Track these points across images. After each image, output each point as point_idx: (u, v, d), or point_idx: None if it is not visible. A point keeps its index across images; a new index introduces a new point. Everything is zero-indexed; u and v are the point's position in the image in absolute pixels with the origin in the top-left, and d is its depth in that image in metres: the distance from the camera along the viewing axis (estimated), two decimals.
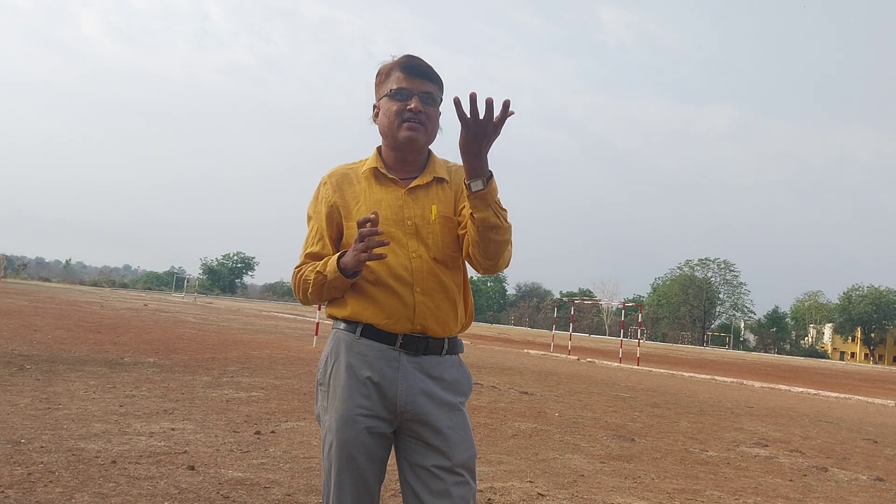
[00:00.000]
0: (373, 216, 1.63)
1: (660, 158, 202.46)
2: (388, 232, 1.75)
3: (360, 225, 1.63)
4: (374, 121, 1.88)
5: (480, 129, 1.55)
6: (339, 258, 1.71)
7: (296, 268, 1.86)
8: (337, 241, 1.85)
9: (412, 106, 1.76)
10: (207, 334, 14.31)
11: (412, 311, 1.74)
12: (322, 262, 1.78)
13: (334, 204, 1.83)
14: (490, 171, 1.65)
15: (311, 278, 1.77)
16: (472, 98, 1.53)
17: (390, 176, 1.82)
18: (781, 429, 8.02)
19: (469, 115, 1.54)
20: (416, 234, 1.77)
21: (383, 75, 1.84)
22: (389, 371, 1.73)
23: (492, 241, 1.70)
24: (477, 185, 1.63)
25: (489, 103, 1.52)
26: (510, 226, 1.73)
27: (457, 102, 1.53)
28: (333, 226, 1.84)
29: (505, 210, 1.71)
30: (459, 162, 1.94)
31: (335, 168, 1.91)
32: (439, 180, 1.86)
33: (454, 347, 1.83)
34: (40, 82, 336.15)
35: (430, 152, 1.90)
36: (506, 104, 1.54)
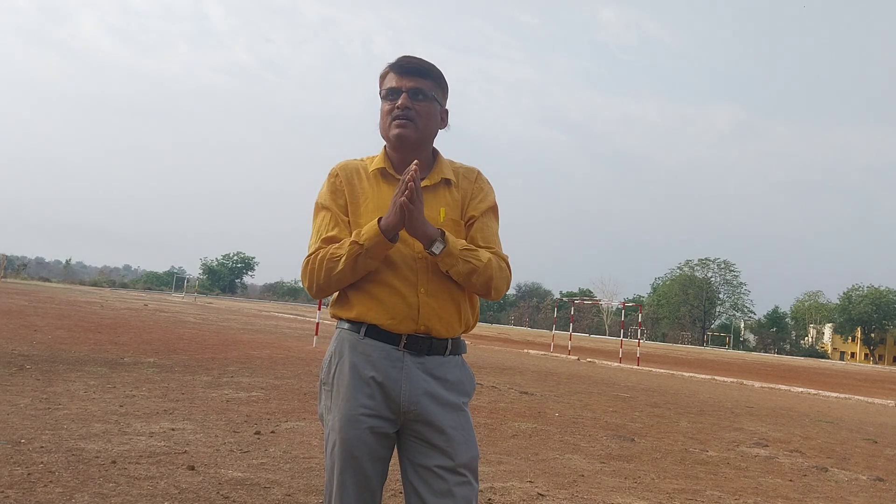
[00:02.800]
0: (414, 166, 1.65)
1: (660, 158, 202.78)
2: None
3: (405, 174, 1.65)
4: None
5: (414, 207, 1.65)
6: (378, 221, 1.68)
7: (309, 255, 1.77)
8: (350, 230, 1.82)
9: (399, 103, 1.77)
10: (207, 334, 14.31)
11: (416, 312, 1.73)
12: (354, 233, 1.73)
13: (345, 196, 1.83)
14: (440, 230, 1.71)
15: (343, 252, 1.69)
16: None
17: (397, 176, 1.81)
18: (781, 429, 8.01)
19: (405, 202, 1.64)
20: None
21: (381, 79, 1.86)
22: (393, 371, 1.73)
23: (476, 283, 1.75)
24: (439, 247, 1.69)
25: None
26: (487, 261, 1.75)
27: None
28: (347, 216, 1.82)
29: (472, 249, 1.75)
30: (467, 163, 1.96)
31: (345, 161, 1.90)
32: (446, 182, 1.86)
33: (457, 348, 1.83)
34: (39, 82, 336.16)
35: (436, 152, 1.90)
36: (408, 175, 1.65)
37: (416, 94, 1.78)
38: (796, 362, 47.86)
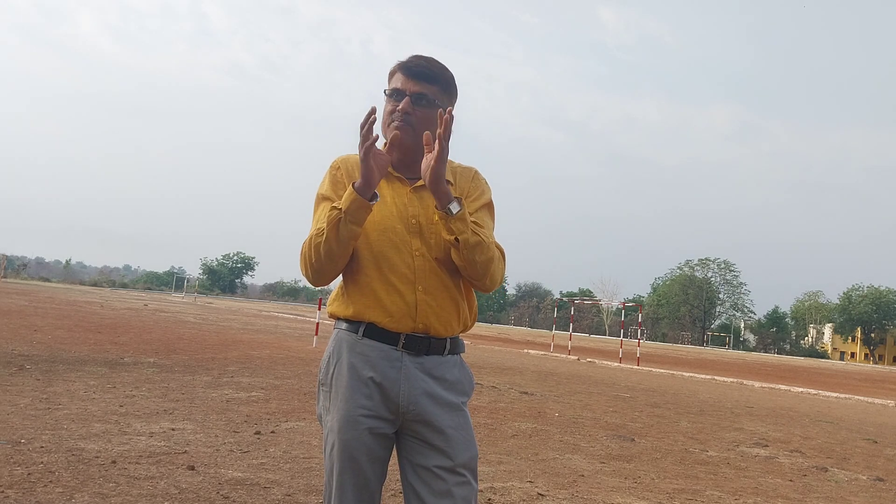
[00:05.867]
0: (371, 112, 1.64)
1: (660, 157, 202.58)
2: (392, 228, 1.76)
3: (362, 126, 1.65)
4: None
5: (439, 154, 1.66)
6: (353, 185, 1.69)
7: (305, 241, 1.78)
8: None
9: (400, 107, 1.78)
10: (207, 334, 14.31)
11: (414, 310, 1.73)
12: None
13: (346, 188, 1.81)
14: (457, 197, 1.72)
15: (325, 224, 1.69)
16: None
17: (396, 174, 1.82)
18: (781, 429, 8.02)
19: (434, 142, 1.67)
20: (420, 234, 1.77)
21: (390, 76, 1.86)
22: (392, 371, 1.73)
23: (478, 261, 1.73)
24: (456, 207, 1.69)
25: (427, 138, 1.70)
26: (491, 241, 1.77)
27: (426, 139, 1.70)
28: None
29: (480, 225, 1.76)
30: (465, 163, 1.96)
31: (346, 155, 1.90)
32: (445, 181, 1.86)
33: (456, 347, 1.83)
34: (38, 81, 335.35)
35: None
36: (439, 115, 1.67)
37: (419, 99, 1.79)
38: (796, 362, 47.86)
